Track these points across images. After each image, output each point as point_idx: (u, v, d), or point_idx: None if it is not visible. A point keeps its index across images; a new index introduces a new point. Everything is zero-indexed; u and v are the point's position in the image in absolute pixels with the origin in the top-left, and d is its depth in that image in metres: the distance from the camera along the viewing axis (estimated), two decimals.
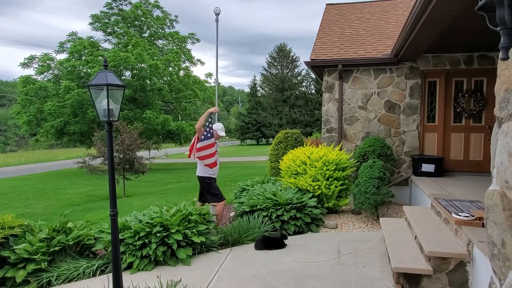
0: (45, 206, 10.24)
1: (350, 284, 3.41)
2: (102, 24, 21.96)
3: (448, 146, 6.68)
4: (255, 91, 47.45)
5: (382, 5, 9.51)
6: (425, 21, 4.10)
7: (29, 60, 20.11)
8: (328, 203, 5.85)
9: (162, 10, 23.58)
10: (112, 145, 3.11)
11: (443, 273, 3.12)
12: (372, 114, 7.00)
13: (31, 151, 39.26)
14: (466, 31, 4.83)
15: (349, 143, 7.17)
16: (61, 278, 3.77)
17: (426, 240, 3.39)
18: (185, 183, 13.22)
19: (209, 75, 24.53)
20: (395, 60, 6.56)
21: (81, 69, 19.96)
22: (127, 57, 18.20)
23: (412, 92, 6.77)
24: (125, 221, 4.44)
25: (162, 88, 20.26)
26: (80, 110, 18.71)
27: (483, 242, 2.69)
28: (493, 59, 6.21)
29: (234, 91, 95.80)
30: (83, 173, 13.90)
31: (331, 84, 7.24)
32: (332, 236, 4.94)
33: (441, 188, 5.08)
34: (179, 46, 23.71)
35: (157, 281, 3.47)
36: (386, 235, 4.15)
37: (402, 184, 6.79)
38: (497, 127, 1.68)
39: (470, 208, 3.66)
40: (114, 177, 3.14)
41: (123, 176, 11.09)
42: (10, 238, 3.92)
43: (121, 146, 10.61)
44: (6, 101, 55.24)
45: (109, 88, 2.92)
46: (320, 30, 8.63)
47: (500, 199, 1.58)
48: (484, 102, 6.42)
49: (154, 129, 19.36)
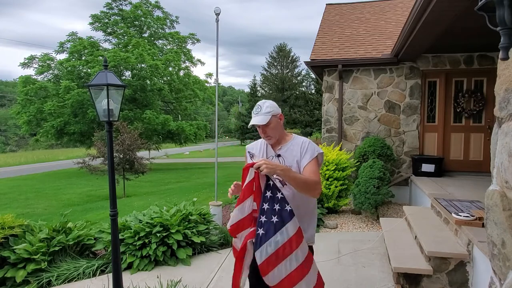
0: (45, 206, 10.24)
1: (350, 284, 3.41)
2: (102, 24, 21.96)
3: (448, 146, 6.68)
4: (255, 91, 47.45)
5: (382, 5, 9.51)
6: (425, 21, 4.10)
7: (29, 60, 20.10)
8: (328, 203, 5.85)
9: (162, 10, 23.59)
10: (112, 145, 3.11)
11: (443, 273, 3.12)
12: (372, 114, 7.00)
13: (31, 151, 39.23)
14: (466, 31, 4.83)
15: (349, 143, 7.17)
16: (61, 278, 3.77)
17: (426, 240, 3.39)
18: (185, 183, 13.22)
19: (209, 75, 24.54)
20: (395, 60, 6.56)
21: (81, 69, 19.94)
22: (127, 57, 18.19)
23: (412, 92, 6.77)
24: (125, 221, 4.44)
25: (162, 88, 20.25)
26: (80, 110, 18.70)
27: (483, 242, 2.69)
28: (493, 59, 6.21)
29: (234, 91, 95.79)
30: (83, 173, 13.90)
31: (331, 84, 7.24)
32: (332, 236, 4.94)
33: (441, 188, 5.08)
34: (179, 46, 23.71)
35: (157, 281, 3.47)
36: (386, 235, 4.14)
37: (402, 184, 6.79)
38: (497, 127, 1.68)
39: (470, 208, 3.66)
40: (114, 177, 3.14)
41: (123, 176, 11.09)
42: (10, 238, 3.92)
43: (121, 146, 10.61)
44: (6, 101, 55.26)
45: (109, 88, 2.92)
46: (320, 30, 8.63)
47: (500, 199, 1.58)
48: (484, 102, 6.42)
49: (154, 129, 19.34)
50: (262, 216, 1.86)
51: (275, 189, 1.89)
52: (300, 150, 2.11)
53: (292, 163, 2.09)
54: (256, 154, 2.27)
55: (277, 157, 2.14)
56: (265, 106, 2.08)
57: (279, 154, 2.15)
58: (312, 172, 2.03)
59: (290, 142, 2.16)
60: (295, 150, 2.12)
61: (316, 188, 2.00)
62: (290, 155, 2.12)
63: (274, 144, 2.19)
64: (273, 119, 2.08)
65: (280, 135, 2.16)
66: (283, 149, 2.15)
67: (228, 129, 59.64)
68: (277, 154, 2.15)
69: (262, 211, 1.87)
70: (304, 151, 2.10)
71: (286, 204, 1.87)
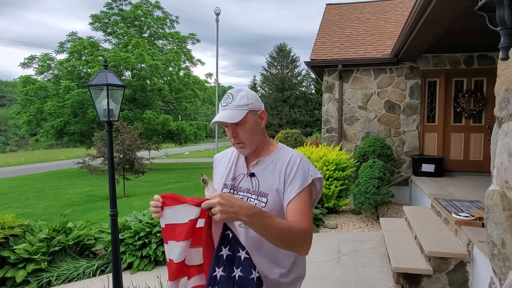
0: (45, 206, 10.24)
1: (350, 284, 3.41)
2: (102, 24, 21.97)
3: (448, 146, 6.68)
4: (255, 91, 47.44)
5: (382, 5, 9.51)
6: (425, 21, 4.10)
7: (29, 60, 20.11)
8: (328, 203, 5.85)
9: (162, 10, 23.60)
10: (112, 145, 3.11)
11: (443, 273, 3.12)
12: (372, 114, 7.00)
13: (31, 151, 39.24)
14: (466, 31, 4.83)
15: (349, 143, 7.17)
16: (61, 278, 3.77)
17: (426, 240, 3.39)
18: (185, 183, 13.22)
19: (209, 75, 24.58)
20: (395, 60, 6.56)
21: (81, 69, 19.96)
22: (127, 57, 18.20)
23: (412, 92, 6.77)
24: (125, 221, 4.44)
25: (162, 88, 20.26)
26: (80, 110, 18.71)
27: (483, 242, 2.69)
28: (493, 59, 6.21)
29: None
30: (83, 173, 13.90)
31: (331, 84, 7.24)
32: (332, 236, 4.94)
33: (441, 188, 5.08)
34: (179, 46, 23.72)
35: (157, 281, 3.47)
36: (386, 235, 4.14)
37: (402, 184, 6.79)
38: (497, 127, 1.68)
39: (470, 208, 3.66)
40: (114, 177, 3.14)
41: (123, 176, 11.10)
42: (10, 238, 3.92)
43: (121, 146, 10.61)
44: (6, 101, 55.23)
45: (109, 88, 2.92)
46: (320, 30, 8.63)
47: (500, 199, 1.58)
48: (484, 102, 6.42)
49: (154, 129, 19.35)
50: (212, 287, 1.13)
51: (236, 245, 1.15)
52: (285, 172, 1.34)
53: (270, 191, 1.34)
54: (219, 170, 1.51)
55: (250, 177, 1.40)
56: (240, 96, 1.34)
57: (252, 173, 1.40)
58: (300, 212, 1.26)
59: (273, 155, 1.40)
60: (277, 170, 1.36)
61: (305, 242, 1.24)
62: (269, 177, 1.36)
63: (249, 156, 1.44)
64: (251, 117, 1.35)
65: (260, 142, 1.41)
66: (260, 165, 1.40)
67: None
68: (250, 172, 1.40)
69: (212, 280, 1.13)
70: (292, 175, 1.32)
71: (252, 269, 1.14)
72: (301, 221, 1.23)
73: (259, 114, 1.39)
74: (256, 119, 1.38)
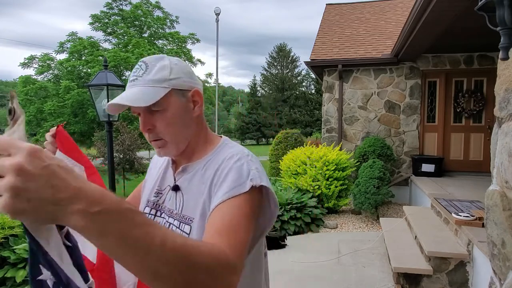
0: None
1: (350, 284, 3.41)
2: (102, 24, 21.97)
3: (448, 146, 6.68)
4: (255, 91, 47.47)
5: (382, 5, 9.51)
6: (425, 21, 4.11)
7: (29, 60, 20.12)
8: (328, 203, 5.85)
9: (162, 10, 23.61)
10: (112, 145, 3.12)
11: (443, 273, 3.12)
12: (372, 114, 7.00)
13: None
14: (466, 31, 4.83)
15: (349, 143, 7.17)
16: None
17: (426, 240, 3.39)
18: None
19: (209, 75, 24.59)
20: (395, 60, 6.56)
21: (81, 69, 19.96)
22: (127, 57, 18.22)
23: (412, 92, 6.77)
24: None
25: None
26: (80, 110, 18.72)
27: (483, 242, 2.69)
28: (493, 59, 6.21)
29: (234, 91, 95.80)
30: None
31: (331, 84, 7.24)
32: (332, 236, 4.94)
33: (441, 188, 5.08)
34: (179, 46, 23.73)
35: None
36: (386, 235, 4.15)
37: (402, 184, 6.79)
38: (497, 127, 1.68)
39: (470, 208, 3.66)
40: (114, 177, 3.14)
41: (123, 176, 11.10)
42: (10, 238, 3.92)
43: (121, 146, 10.62)
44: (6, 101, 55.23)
45: (109, 88, 2.93)
46: (320, 30, 8.63)
47: (500, 199, 1.58)
48: (484, 102, 6.42)
49: None
50: None
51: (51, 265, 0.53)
52: (212, 180, 0.85)
53: (195, 214, 0.85)
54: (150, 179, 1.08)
55: (174, 192, 0.93)
56: (159, 67, 0.86)
57: (176, 186, 0.93)
58: (225, 228, 0.71)
59: (207, 157, 0.92)
60: (206, 180, 0.87)
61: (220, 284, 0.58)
62: (196, 190, 0.88)
63: (178, 160, 0.98)
64: (175, 100, 0.87)
65: (193, 138, 0.93)
66: (187, 173, 0.93)
67: (228, 129, 59.66)
68: (174, 185, 0.94)
69: None
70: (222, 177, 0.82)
71: None
72: (222, 242, 0.66)
73: (190, 96, 0.90)
74: (184, 102, 0.89)
